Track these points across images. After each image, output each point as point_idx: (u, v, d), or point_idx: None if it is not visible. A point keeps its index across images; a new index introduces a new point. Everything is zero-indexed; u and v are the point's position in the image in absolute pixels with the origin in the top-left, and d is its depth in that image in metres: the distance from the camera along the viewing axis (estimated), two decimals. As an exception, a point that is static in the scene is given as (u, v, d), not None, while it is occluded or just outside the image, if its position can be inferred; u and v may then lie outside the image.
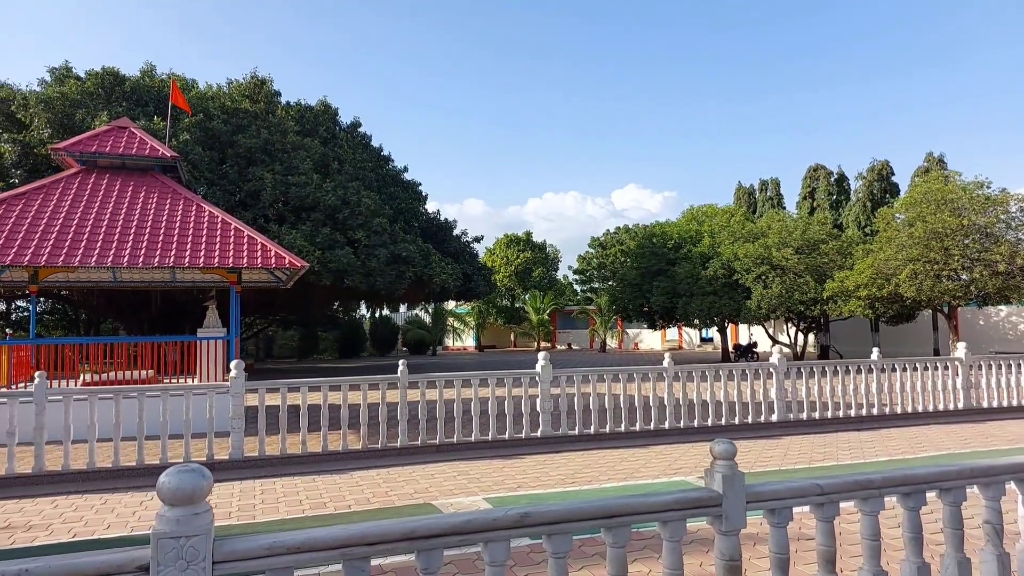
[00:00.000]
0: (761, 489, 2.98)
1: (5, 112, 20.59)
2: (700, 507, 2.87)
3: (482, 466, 8.10)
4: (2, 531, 5.69)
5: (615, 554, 2.81)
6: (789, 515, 3.07)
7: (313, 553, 2.31)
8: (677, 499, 2.86)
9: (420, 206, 27.12)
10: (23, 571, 1.87)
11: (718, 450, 2.92)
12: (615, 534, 2.78)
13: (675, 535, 2.87)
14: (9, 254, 10.89)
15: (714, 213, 33.40)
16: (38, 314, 16.75)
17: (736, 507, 2.88)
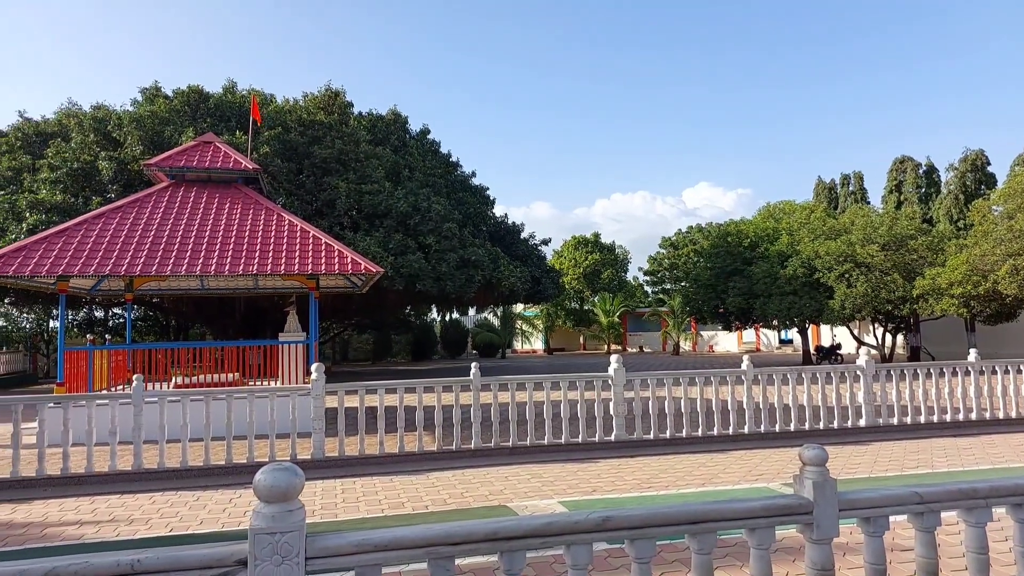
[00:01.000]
0: (855, 497, 2.85)
1: (102, 131, 22.06)
2: (789, 514, 2.77)
3: (555, 469, 8.07)
4: (107, 524, 6.08)
5: (700, 561, 2.75)
6: (886, 524, 2.92)
7: (400, 551, 2.36)
8: (765, 505, 2.77)
9: (488, 210, 27.35)
10: (136, 561, 1.98)
11: (808, 455, 2.80)
12: (700, 540, 2.72)
13: (763, 543, 2.77)
14: (108, 264, 11.64)
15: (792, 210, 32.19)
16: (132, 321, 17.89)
17: (828, 515, 2.76)
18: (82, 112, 23.77)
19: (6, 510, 6.67)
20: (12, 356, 29.30)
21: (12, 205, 19.69)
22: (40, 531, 5.90)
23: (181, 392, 8.45)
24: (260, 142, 21.26)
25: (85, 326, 32.07)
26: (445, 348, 41.09)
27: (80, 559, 1.95)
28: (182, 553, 2.06)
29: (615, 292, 46.55)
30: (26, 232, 17.78)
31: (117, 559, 1.98)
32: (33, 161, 21.94)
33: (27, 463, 7.83)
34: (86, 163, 21.04)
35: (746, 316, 28.49)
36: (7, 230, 18.82)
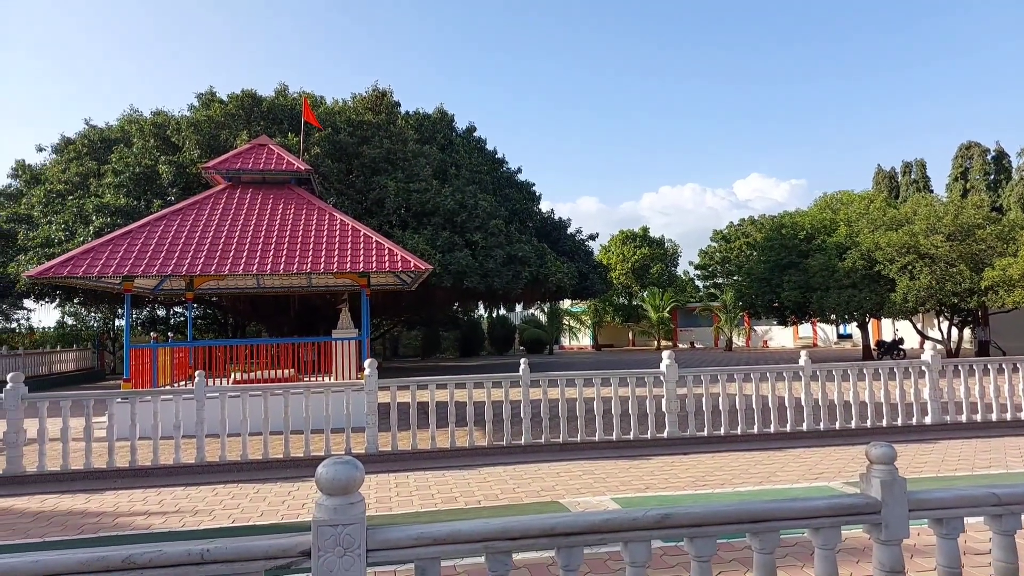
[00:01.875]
0: (926, 496, 2.73)
1: (162, 137, 22.91)
2: (856, 514, 2.68)
3: (607, 466, 8.01)
4: (173, 515, 6.32)
5: (763, 560, 2.68)
6: (960, 526, 2.79)
7: (458, 545, 2.37)
8: (830, 505, 2.69)
9: (534, 206, 27.31)
10: (205, 551, 2.04)
11: (876, 454, 2.70)
12: (763, 539, 2.65)
13: (828, 543, 2.69)
14: (170, 265, 12.07)
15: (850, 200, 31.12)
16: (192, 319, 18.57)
17: (897, 515, 2.66)
18: (143, 118, 24.74)
19: (80, 500, 7.00)
20: (81, 353, 30.74)
21: (80, 209, 20.64)
22: (112, 520, 6.18)
23: (240, 388, 8.72)
24: (311, 143, 21.72)
25: (148, 324, 33.41)
26: (492, 344, 41.28)
27: (154, 548, 2.02)
28: (249, 543, 2.12)
29: (665, 287, 45.85)
30: (93, 234, 18.59)
31: (188, 548, 2.05)
32: (98, 166, 22.95)
33: (98, 455, 8.20)
34: (147, 167, 21.89)
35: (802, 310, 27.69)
36: (76, 233, 19.73)
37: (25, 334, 35.03)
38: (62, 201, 22.08)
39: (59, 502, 6.93)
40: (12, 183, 25.28)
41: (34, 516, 6.42)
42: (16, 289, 21.40)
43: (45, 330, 36.12)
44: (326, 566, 2.15)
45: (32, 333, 35.51)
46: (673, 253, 50.70)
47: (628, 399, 8.94)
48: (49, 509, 6.66)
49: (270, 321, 25.38)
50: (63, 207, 21.53)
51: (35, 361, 25.60)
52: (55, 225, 20.49)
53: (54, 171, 23.87)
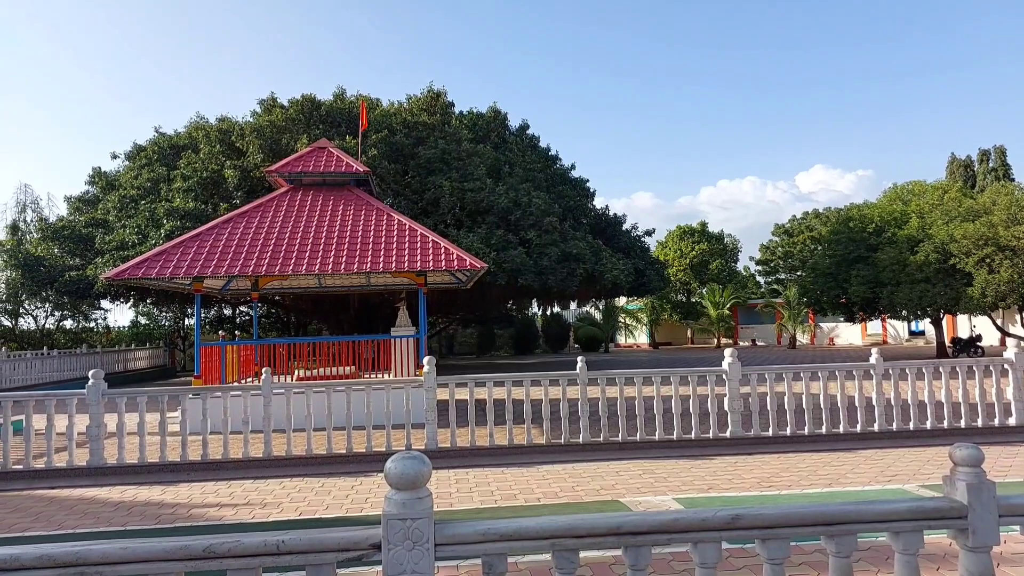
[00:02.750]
0: (1017, 501, 2.57)
1: (227, 142, 23.76)
2: (940, 518, 2.54)
3: (668, 465, 7.88)
4: (243, 507, 6.54)
5: (839, 564, 2.58)
6: (1056, 533, 2.62)
7: (524, 541, 2.37)
8: (911, 508, 2.56)
9: (588, 203, 27.10)
10: (280, 542, 2.09)
11: (961, 455, 2.56)
12: (839, 543, 2.55)
13: (909, 548, 2.56)
14: (236, 265, 12.50)
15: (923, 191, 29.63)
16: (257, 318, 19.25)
17: (986, 520, 2.51)
18: (208, 125, 25.70)
19: (156, 491, 7.33)
20: (154, 351, 32.26)
21: (152, 213, 21.60)
22: (186, 511, 6.44)
23: (304, 384, 8.96)
24: (368, 145, 22.13)
25: (216, 323, 34.73)
26: (547, 342, 41.22)
27: (232, 538, 2.08)
28: (322, 535, 2.16)
29: (724, 283, 44.75)
30: (164, 237, 19.41)
31: (264, 539, 2.10)
32: (168, 172, 23.97)
33: (172, 449, 8.55)
34: (214, 172, 22.74)
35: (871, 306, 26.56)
36: (148, 236, 20.65)
37: (102, 333, 36.97)
38: (135, 206, 23.17)
39: (137, 493, 7.26)
40: (89, 189, 26.65)
41: (115, 506, 6.75)
42: (94, 290, 22.54)
43: (120, 329, 38.04)
44: (396, 559, 2.18)
45: (108, 332, 37.46)
46: (733, 248, 49.51)
47: (689, 398, 8.77)
48: (129, 499, 6.99)
49: (331, 319, 26.01)
50: (136, 211, 22.59)
51: (112, 359, 26.99)
52: (129, 229, 21.51)
53: (127, 177, 25.06)
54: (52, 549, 1.94)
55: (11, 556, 1.92)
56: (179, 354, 34.50)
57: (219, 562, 2.07)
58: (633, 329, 45.44)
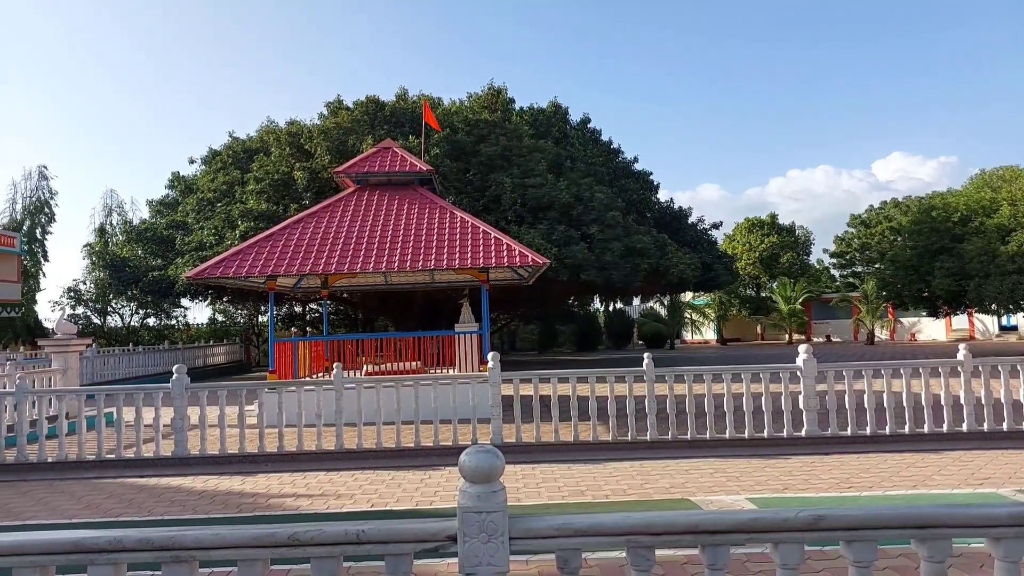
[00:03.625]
0: None
1: (296, 145, 24.55)
2: (1045, 525, 2.37)
3: (740, 464, 7.68)
4: (319, 497, 6.74)
5: (932, 569, 2.44)
6: None
7: (599, 537, 2.34)
8: (1011, 513, 2.40)
9: (652, 196, 26.71)
10: (361, 532, 2.13)
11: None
12: (932, 547, 2.41)
13: (1011, 555, 2.40)
14: (308, 264, 12.90)
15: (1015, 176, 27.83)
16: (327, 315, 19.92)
17: (1099, 529, 2.33)
18: (279, 128, 26.63)
19: (236, 481, 7.65)
20: (230, 347, 33.69)
21: (227, 214, 22.57)
22: (265, 501, 6.69)
23: (374, 379, 9.16)
24: (431, 144, 22.45)
25: (287, 320, 36.00)
26: (610, 339, 40.81)
27: (315, 526, 2.13)
28: (400, 526, 2.19)
29: (796, 277, 43.17)
30: (239, 238, 20.24)
31: (345, 528, 2.15)
32: (242, 175, 24.98)
33: (250, 441, 8.90)
34: (284, 174, 23.54)
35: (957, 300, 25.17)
36: (224, 236, 21.58)
37: (182, 330, 38.91)
38: (211, 208, 24.27)
39: (219, 483, 7.60)
40: (169, 193, 28.09)
41: (199, 494, 7.08)
42: (175, 289, 23.74)
43: (199, 326, 39.94)
44: (471, 551, 2.19)
45: (188, 329, 39.39)
46: (805, 241, 47.74)
47: (761, 395, 8.50)
48: (211, 488, 7.32)
49: (396, 316, 26.54)
50: (212, 213, 23.66)
51: (191, 355, 28.34)
52: (206, 230, 22.55)
53: (204, 181, 26.28)
54: (150, 533, 2.04)
55: (114, 538, 2.03)
56: (254, 350, 35.93)
57: (303, 549, 2.13)
58: (700, 325, 44.40)
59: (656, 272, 21.79)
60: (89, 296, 36.25)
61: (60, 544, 2.07)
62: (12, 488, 7.62)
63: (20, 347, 32.69)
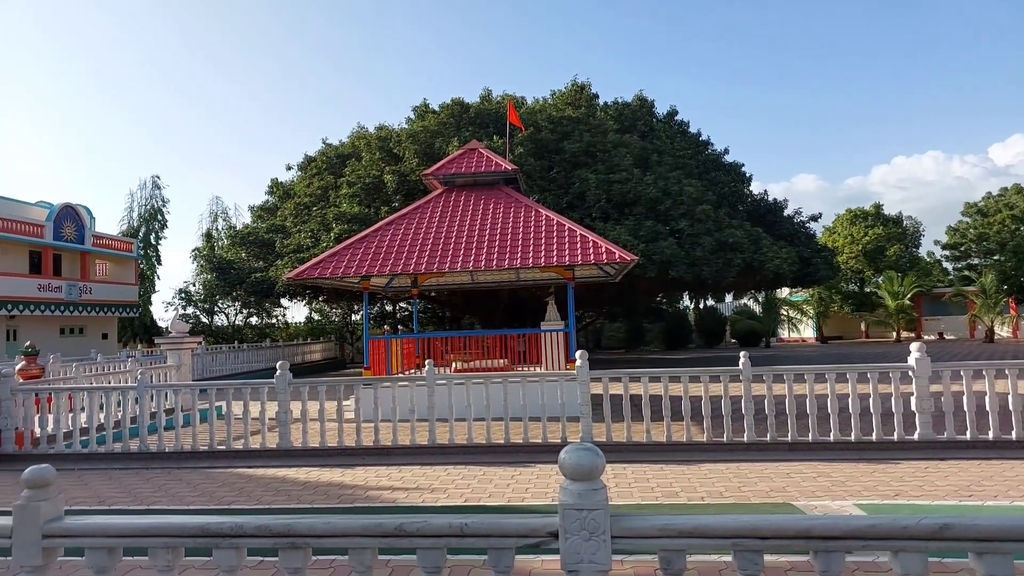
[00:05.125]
0: None
1: (386, 149, 25.34)
2: None
3: (845, 468, 7.28)
4: (414, 491, 6.92)
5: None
6: None
7: (704, 539, 2.28)
8: None
9: (744, 188, 25.77)
10: (464, 525, 2.16)
11: None
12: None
13: None
14: (399, 265, 13.28)
15: None
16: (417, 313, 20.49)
17: None
18: (369, 134, 27.59)
19: (336, 473, 7.97)
20: (326, 345, 35.18)
21: (323, 218, 23.58)
22: (364, 493, 6.94)
23: (464, 376, 9.31)
24: (515, 143, 22.59)
25: (379, 319, 37.25)
26: (701, 337, 39.69)
27: (421, 518, 2.18)
28: (502, 520, 2.21)
29: (904, 270, 40.39)
30: (333, 240, 21.09)
31: (449, 521, 2.18)
32: (335, 179, 26.05)
33: (348, 435, 9.26)
34: (375, 178, 24.36)
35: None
36: (320, 239, 22.56)
37: (282, 328, 41.03)
38: (308, 212, 25.44)
39: (320, 474, 7.94)
40: (269, 199, 29.67)
41: (303, 485, 7.43)
42: (276, 289, 25.03)
43: (297, 325, 41.98)
44: (573, 548, 2.18)
45: (287, 328, 41.50)
46: (914, 232, 44.76)
47: (868, 396, 8.02)
48: (313, 480, 7.67)
49: (482, 314, 26.90)
50: (309, 217, 24.79)
51: (291, 352, 29.79)
52: (303, 233, 23.64)
53: (300, 186, 27.58)
54: (268, 520, 2.15)
55: (236, 524, 2.16)
56: (348, 347, 37.40)
57: (408, 540, 2.18)
58: (797, 322, 42.40)
59: (750, 267, 21.00)
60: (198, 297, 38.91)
61: (188, 528, 2.22)
62: (136, 475, 8.26)
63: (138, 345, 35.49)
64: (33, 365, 14.08)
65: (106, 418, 9.44)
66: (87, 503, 6.80)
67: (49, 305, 27.69)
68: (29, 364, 14.05)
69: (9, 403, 9.30)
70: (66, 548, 2.35)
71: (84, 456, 9.14)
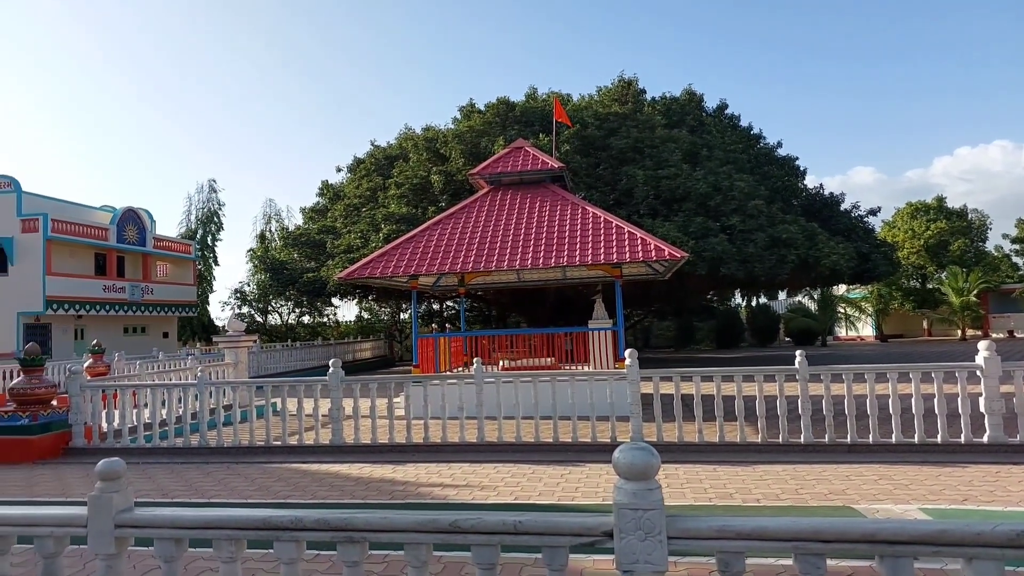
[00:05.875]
0: None
1: (433, 150, 25.59)
2: None
3: (907, 472, 7.00)
4: (464, 488, 6.97)
5: None
6: None
7: (764, 542, 2.23)
8: None
9: (798, 182, 25.08)
10: (518, 522, 2.15)
11: None
12: None
13: None
14: (446, 264, 13.39)
15: None
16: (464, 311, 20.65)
17: None
18: (416, 135, 27.91)
19: (388, 469, 8.08)
20: (375, 343, 35.78)
21: (372, 218, 23.97)
22: (415, 489, 7.02)
23: (512, 374, 9.33)
24: (561, 141, 22.50)
25: (426, 317, 37.67)
26: (753, 335, 38.79)
27: (475, 515, 2.19)
28: (556, 519, 2.19)
29: (970, 266, 38.65)
30: (382, 240, 21.41)
31: (503, 519, 2.18)
32: (383, 180, 26.45)
33: (399, 432, 9.38)
34: (422, 179, 24.64)
35: None
36: (369, 239, 22.94)
37: (332, 327, 41.90)
38: (357, 213, 25.91)
39: (372, 470, 8.07)
40: (319, 200, 30.33)
41: (355, 480, 7.56)
42: (327, 289, 25.58)
43: (347, 323, 42.81)
44: (628, 548, 2.15)
45: (338, 326, 42.36)
46: (980, 226, 42.75)
47: (933, 397, 7.70)
48: (366, 476, 7.80)
49: (528, 312, 26.92)
50: (358, 218, 25.24)
51: (342, 350, 30.42)
52: (353, 234, 24.08)
53: (350, 188, 28.11)
54: (327, 515, 2.19)
55: (296, 518, 2.21)
56: (396, 345, 37.95)
57: (463, 537, 2.19)
58: (855, 320, 40.98)
59: (805, 264, 20.42)
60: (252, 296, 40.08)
61: (251, 521, 2.28)
62: (197, 469, 8.55)
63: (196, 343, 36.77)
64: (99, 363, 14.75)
65: (168, 414, 9.82)
66: (151, 495, 7.07)
67: (113, 305, 28.95)
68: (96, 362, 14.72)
69: (79, 399, 9.76)
70: (135, 538, 2.44)
71: (147, 450, 9.52)
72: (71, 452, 9.66)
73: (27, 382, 9.85)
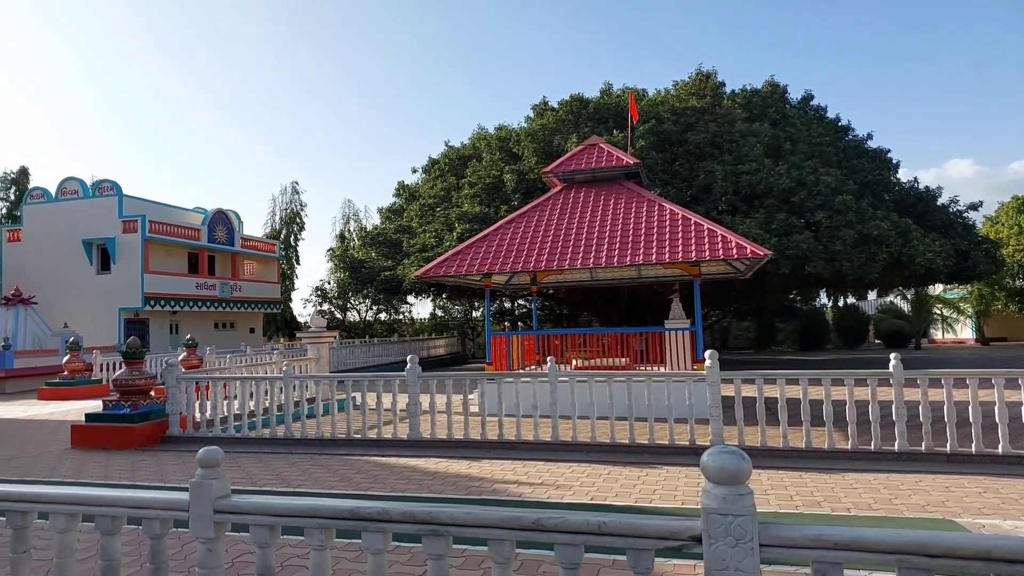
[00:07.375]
0: None
1: (505, 149, 25.71)
2: None
3: (1018, 485, 6.50)
4: (539, 486, 6.96)
5: None
6: None
7: (862, 553, 2.12)
8: None
9: (890, 176, 23.71)
10: (602, 523, 2.12)
11: None
12: None
13: None
14: (519, 262, 13.41)
15: None
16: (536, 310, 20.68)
17: None
18: (489, 134, 28.12)
19: (464, 465, 8.18)
20: (449, 340, 36.34)
21: (446, 218, 24.34)
22: (491, 485, 7.07)
23: (586, 373, 9.25)
24: (636, 137, 22.14)
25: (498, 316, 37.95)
26: (840, 337, 37.01)
27: (558, 514, 2.17)
28: (641, 521, 2.14)
29: (1085, 264, 35.55)
30: (456, 239, 21.69)
31: (586, 519, 2.15)
32: (457, 180, 26.80)
33: (473, 428, 9.47)
34: (495, 178, 24.80)
35: None
36: (443, 239, 23.29)
37: (408, 324, 42.84)
38: (432, 212, 26.36)
39: (449, 465, 8.18)
40: (396, 200, 31.05)
41: (432, 475, 7.69)
42: (403, 287, 26.16)
43: (422, 320, 43.69)
44: (718, 554, 2.08)
45: (413, 323, 43.29)
46: (1096, 220, 39.17)
47: (1046, 403, 7.13)
48: (442, 470, 7.91)
49: (600, 311, 26.64)
50: (433, 217, 25.68)
51: (417, 346, 31.07)
52: (428, 233, 24.52)
53: (425, 188, 28.64)
54: (413, 508, 2.22)
55: (383, 510, 2.25)
56: (469, 343, 38.42)
57: (546, 535, 2.17)
58: (952, 322, 38.46)
59: (897, 262, 19.30)
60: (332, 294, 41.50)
61: (340, 511, 2.34)
62: (282, 459, 8.91)
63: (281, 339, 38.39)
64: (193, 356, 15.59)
65: (256, 405, 10.28)
66: (241, 483, 7.41)
67: (205, 302, 30.62)
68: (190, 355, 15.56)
69: (175, 390, 10.36)
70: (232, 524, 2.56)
71: (237, 440, 9.99)
72: (168, 440, 10.27)
73: (128, 373, 10.53)
